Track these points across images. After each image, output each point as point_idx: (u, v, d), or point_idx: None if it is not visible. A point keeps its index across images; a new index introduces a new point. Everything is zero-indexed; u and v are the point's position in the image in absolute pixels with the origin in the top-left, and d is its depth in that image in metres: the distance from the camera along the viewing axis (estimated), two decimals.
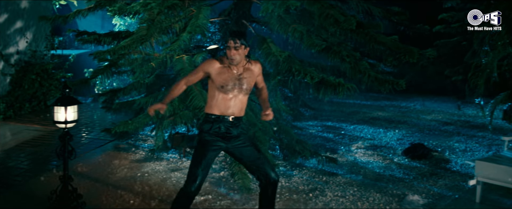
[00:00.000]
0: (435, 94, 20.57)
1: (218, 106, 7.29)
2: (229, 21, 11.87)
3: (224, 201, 9.16)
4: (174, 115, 10.49)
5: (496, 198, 9.53)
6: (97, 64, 11.22)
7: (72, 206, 8.05)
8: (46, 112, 15.33)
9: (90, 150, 12.15)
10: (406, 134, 14.38)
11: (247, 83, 7.33)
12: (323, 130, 14.58)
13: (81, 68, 16.68)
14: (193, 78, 7.46)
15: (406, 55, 9.83)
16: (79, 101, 8.21)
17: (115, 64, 10.69)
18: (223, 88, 7.23)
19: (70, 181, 8.06)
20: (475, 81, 13.78)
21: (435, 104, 19.31)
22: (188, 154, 11.59)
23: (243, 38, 7.24)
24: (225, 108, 7.29)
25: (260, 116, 7.57)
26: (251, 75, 7.40)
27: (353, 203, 9.23)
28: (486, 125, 15.17)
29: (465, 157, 12.25)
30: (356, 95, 10.53)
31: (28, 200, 9.07)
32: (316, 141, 13.38)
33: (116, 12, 11.38)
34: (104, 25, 18.82)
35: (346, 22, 9.90)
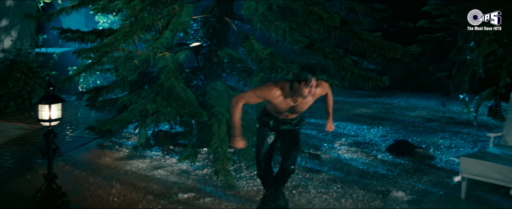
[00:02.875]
0: (420, 91, 20.50)
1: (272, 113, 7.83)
2: (211, 18, 11.84)
3: (207, 198, 9.13)
4: (157, 113, 10.47)
5: (482, 194, 9.54)
6: (81, 62, 11.20)
7: (56, 205, 8.01)
8: (31, 110, 15.25)
9: (74, 148, 12.09)
10: (390, 131, 14.37)
11: (301, 108, 7.64)
12: (306, 127, 14.50)
13: (65, 66, 16.58)
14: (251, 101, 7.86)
15: (390, 51, 9.87)
16: (63, 99, 8.19)
17: (99, 62, 10.65)
18: (276, 111, 7.68)
19: (54, 179, 8.04)
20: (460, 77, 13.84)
21: (419, 101, 19.26)
22: (171, 152, 11.57)
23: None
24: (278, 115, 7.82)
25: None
26: (310, 100, 7.57)
27: (337, 200, 9.22)
28: (471, 121, 15.19)
29: (450, 154, 12.24)
30: (340, 92, 10.49)
31: (13, 198, 9.06)
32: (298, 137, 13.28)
33: (99, 10, 11.39)
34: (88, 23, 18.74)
35: (330, 19, 9.93)
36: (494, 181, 8.97)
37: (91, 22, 17.77)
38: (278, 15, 10.63)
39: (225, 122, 10.25)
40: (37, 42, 17.03)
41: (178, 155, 10.97)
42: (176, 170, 10.57)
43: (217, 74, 11.68)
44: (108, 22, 17.03)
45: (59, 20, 15.59)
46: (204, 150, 11.26)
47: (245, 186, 9.70)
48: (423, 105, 18.58)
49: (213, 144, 9.96)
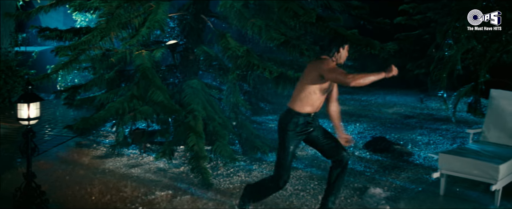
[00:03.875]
0: (397, 88, 20.50)
1: (312, 104, 7.73)
2: (188, 16, 11.84)
3: (185, 196, 9.11)
4: (134, 111, 10.46)
5: (461, 191, 9.54)
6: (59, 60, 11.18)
7: (36, 203, 7.97)
8: (11, 109, 15.20)
9: (53, 146, 12.06)
10: (367, 128, 14.39)
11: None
12: None
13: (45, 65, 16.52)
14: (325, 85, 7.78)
15: (368, 46, 9.89)
16: (41, 98, 8.18)
17: (76, 60, 10.62)
18: (323, 91, 7.70)
19: (33, 178, 8.00)
20: (438, 74, 13.86)
21: (397, 97, 19.28)
22: (148, 150, 11.57)
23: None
24: (316, 108, 7.82)
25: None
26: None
27: (314, 197, 9.20)
28: (449, 118, 15.22)
29: (428, 150, 12.27)
30: None
31: None
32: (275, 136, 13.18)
33: (77, 8, 11.38)
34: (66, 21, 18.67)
35: (305, 15, 9.95)
36: (474, 177, 8.98)
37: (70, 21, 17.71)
38: (254, 12, 10.64)
39: (202, 119, 10.25)
40: (17, 41, 16.96)
41: (155, 153, 10.93)
42: (153, 168, 10.56)
43: (194, 72, 11.68)
44: (85, 20, 17.03)
45: (38, 18, 15.56)
46: (181, 148, 11.24)
47: (221, 183, 9.69)
48: (400, 101, 18.61)
49: (190, 141, 9.95)
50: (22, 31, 18.30)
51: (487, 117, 10.50)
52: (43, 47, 18.53)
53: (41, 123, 13.76)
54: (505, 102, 10.31)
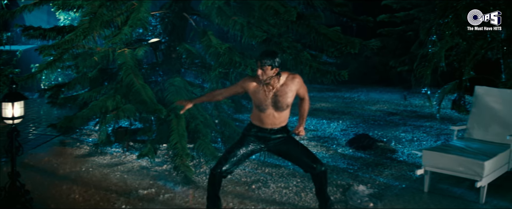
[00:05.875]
0: (380, 85, 20.55)
1: (258, 119, 7.82)
2: (170, 14, 11.84)
3: (167, 194, 9.14)
4: (117, 109, 10.46)
5: (445, 187, 9.58)
6: (43, 59, 11.16)
7: (20, 202, 8.00)
8: None
9: (37, 145, 12.08)
10: (350, 125, 14.41)
11: (282, 101, 7.60)
12: None
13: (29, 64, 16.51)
14: (229, 91, 8.13)
15: (347, 46, 9.89)
16: (26, 96, 8.23)
17: (60, 58, 10.61)
18: (258, 108, 7.69)
19: (18, 177, 8.04)
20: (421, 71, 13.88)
21: (380, 94, 19.29)
22: (131, 148, 11.59)
23: (272, 59, 7.36)
24: (263, 123, 7.80)
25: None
26: (287, 91, 7.59)
27: (297, 194, 9.24)
28: (433, 115, 15.28)
29: (412, 147, 12.30)
30: None
31: None
32: None
33: (60, 6, 11.33)
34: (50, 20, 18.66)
35: (286, 13, 9.96)
36: (459, 174, 9.03)
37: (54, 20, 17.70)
38: (235, 10, 10.65)
39: (184, 118, 10.26)
40: (1, 40, 16.92)
41: (138, 151, 10.94)
42: (136, 166, 10.58)
43: (176, 70, 11.67)
44: (69, 19, 17.00)
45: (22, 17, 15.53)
46: (163, 146, 11.25)
47: (204, 181, 9.65)
48: (384, 98, 18.64)
49: (172, 139, 9.95)
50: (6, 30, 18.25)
51: (471, 113, 10.55)
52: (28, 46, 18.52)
53: (26, 122, 13.76)
54: (490, 99, 10.36)
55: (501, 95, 10.32)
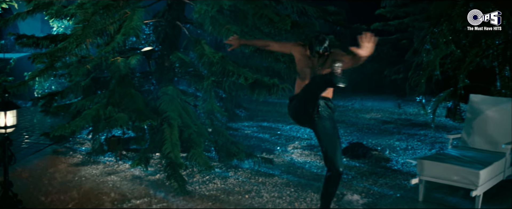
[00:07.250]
0: (374, 93, 20.55)
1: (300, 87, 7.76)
2: (163, 22, 11.82)
3: (160, 204, 9.08)
4: (109, 118, 10.42)
5: (440, 196, 9.52)
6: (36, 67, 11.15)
7: None
8: None
9: (30, 154, 11.99)
10: (344, 133, 14.37)
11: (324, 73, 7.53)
12: (258, 131, 14.55)
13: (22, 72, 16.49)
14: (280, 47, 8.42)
15: None
16: (18, 105, 8.22)
17: (52, 66, 10.58)
18: (299, 76, 7.82)
19: (10, 187, 8.03)
20: (416, 79, 13.86)
21: (374, 103, 19.29)
22: (124, 157, 11.53)
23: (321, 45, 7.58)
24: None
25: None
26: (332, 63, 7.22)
27: (290, 204, 9.17)
28: (428, 123, 15.26)
29: (407, 156, 12.27)
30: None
31: None
32: (251, 142, 13.35)
33: (53, 15, 11.32)
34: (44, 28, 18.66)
35: (280, 22, 9.96)
36: (454, 183, 8.94)
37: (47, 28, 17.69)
38: (229, 18, 10.62)
39: (177, 127, 10.23)
40: None
41: (131, 160, 10.90)
42: (129, 175, 10.51)
43: (169, 79, 11.63)
44: (62, 27, 16.98)
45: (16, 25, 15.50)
46: (156, 155, 11.22)
47: (197, 190, 9.66)
48: (378, 107, 18.63)
49: (165, 149, 9.93)
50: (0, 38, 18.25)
51: (466, 122, 10.51)
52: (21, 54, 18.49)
53: (18, 130, 13.70)
54: (485, 107, 10.33)
55: (496, 104, 10.29)
